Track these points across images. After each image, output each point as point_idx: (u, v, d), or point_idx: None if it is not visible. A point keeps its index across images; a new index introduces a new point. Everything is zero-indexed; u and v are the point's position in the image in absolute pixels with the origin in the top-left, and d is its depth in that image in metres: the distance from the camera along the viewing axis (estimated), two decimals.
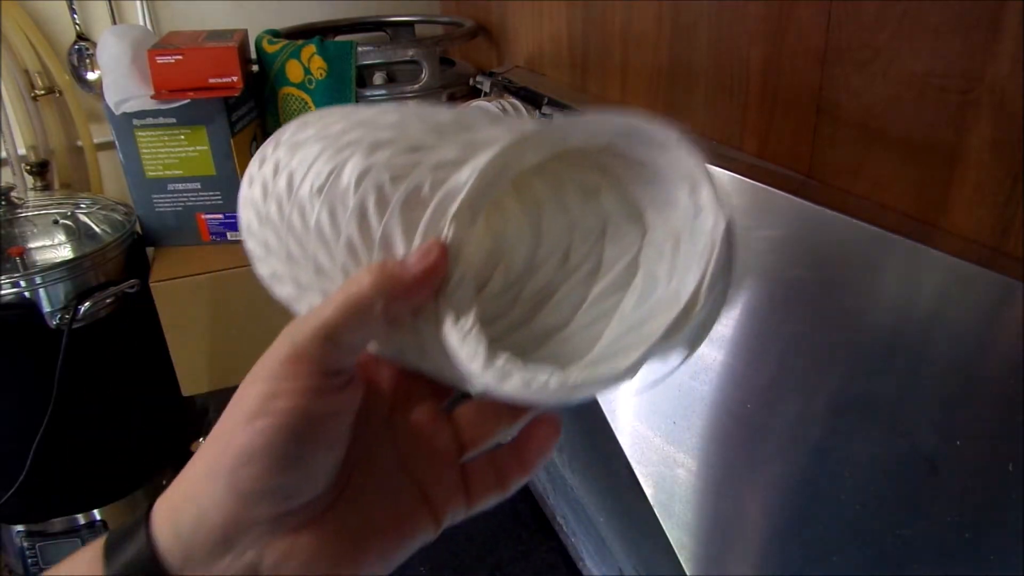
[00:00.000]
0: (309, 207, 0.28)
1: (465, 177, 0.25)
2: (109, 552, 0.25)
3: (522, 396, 0.24)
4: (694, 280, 0.25)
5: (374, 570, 0.27)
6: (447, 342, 0.25)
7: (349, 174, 0.27)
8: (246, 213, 0.31)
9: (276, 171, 0.29)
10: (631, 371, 0.25)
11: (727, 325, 0.47)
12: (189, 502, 0.25)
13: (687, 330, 0.25)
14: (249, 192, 0.31)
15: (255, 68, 1.08)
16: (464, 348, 0.25)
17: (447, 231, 0.25)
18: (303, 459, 0.25)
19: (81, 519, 1.12)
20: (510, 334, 0.30)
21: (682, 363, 0.26)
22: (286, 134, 0.31)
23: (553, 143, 0.26)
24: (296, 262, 0.29)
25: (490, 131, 0.27)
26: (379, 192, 0.26)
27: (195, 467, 0.26)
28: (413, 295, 0.25)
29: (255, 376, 0.25)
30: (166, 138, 1.03)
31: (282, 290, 0.31)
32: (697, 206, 0.26)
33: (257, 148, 1.10)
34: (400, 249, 0.26)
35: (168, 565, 0.24)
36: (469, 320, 0.25)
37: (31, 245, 1.02)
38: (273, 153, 0.30)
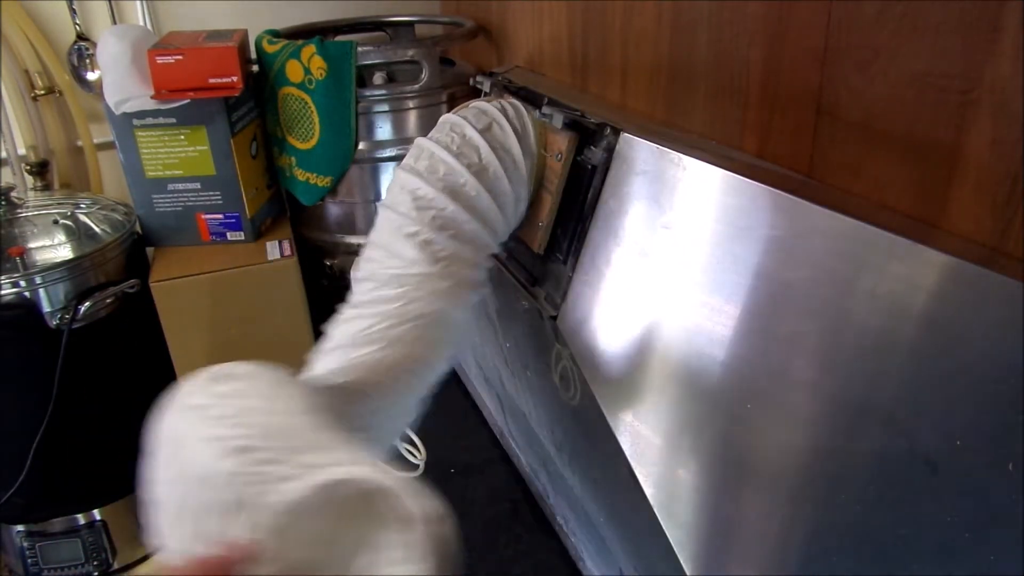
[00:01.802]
0: None
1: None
2: None
3: None
4: None
5: None
6: None
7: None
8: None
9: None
10: None
11: (727, 325, 0.47)
12: None
13: None
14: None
15: (255, 68, 1.08)
16: None
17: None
18: None
19: (81, 519, 1.11)
20: None
21: None
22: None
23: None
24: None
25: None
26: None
27: None
28: None
29: None
30: (166, 138, 1.03)
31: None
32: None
33: (257, 148, 1.11)
34: None
35: None
36: None
37: (31, 245, 1.02)
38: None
